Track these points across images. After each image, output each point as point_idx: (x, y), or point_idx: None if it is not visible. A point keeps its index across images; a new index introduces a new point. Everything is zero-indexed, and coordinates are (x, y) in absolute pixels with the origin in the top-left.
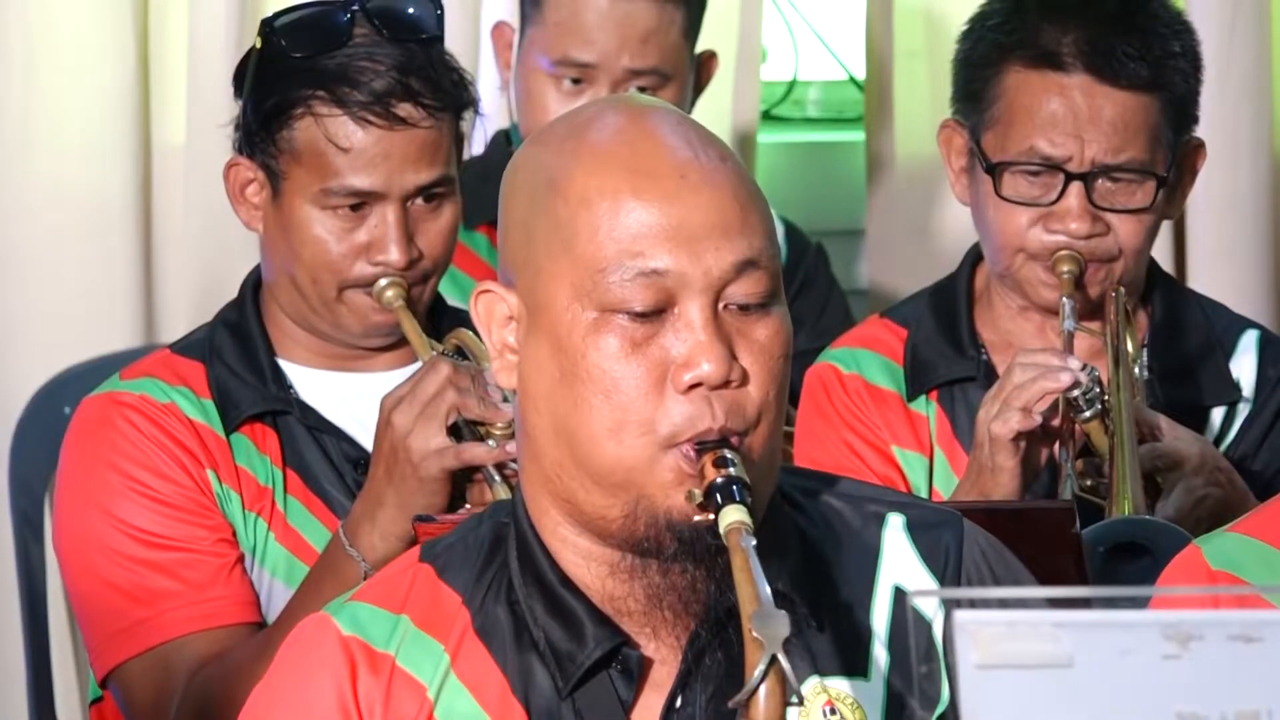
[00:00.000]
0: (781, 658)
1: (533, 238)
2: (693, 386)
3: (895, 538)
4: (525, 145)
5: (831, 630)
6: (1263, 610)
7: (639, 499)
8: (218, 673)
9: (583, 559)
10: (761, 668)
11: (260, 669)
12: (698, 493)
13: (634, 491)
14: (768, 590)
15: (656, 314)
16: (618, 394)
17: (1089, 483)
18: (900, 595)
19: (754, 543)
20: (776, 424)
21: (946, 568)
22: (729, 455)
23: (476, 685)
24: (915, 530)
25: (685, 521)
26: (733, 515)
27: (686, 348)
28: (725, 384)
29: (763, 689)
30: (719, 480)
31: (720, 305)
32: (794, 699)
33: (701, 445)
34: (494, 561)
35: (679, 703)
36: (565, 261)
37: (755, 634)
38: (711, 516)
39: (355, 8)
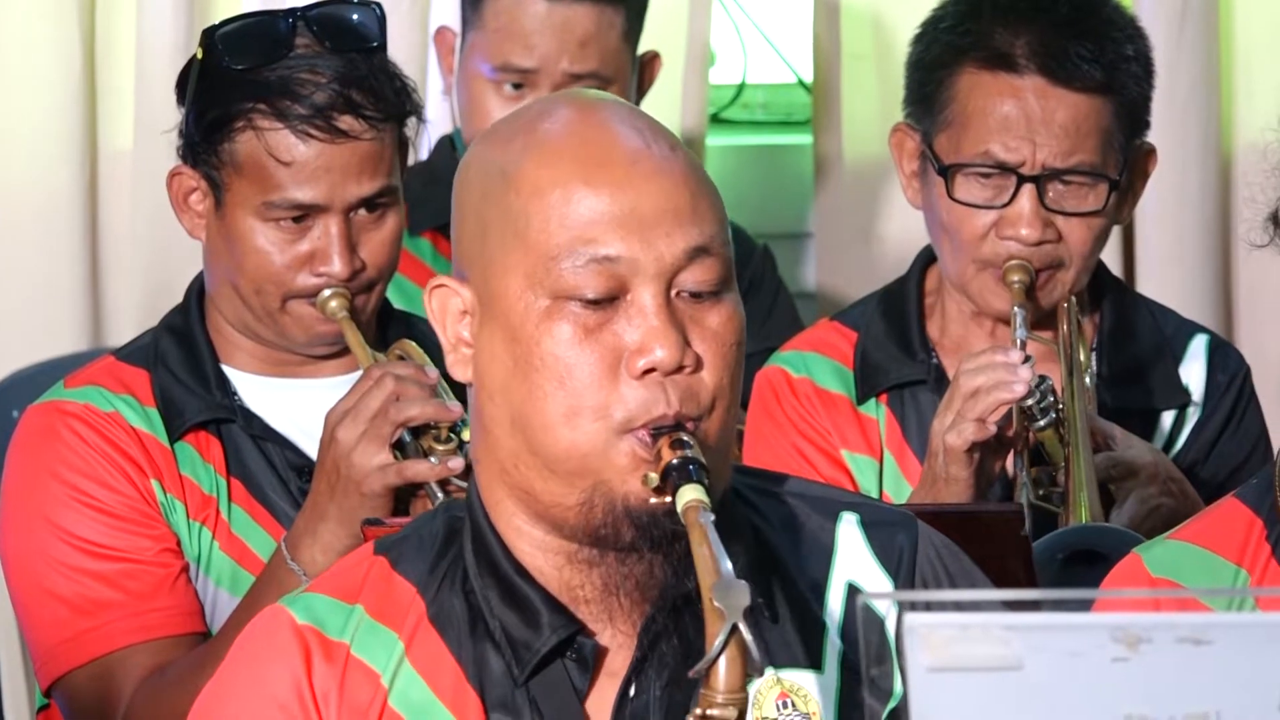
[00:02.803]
0: (743, 627)
1: (486, 230)
2: (647, 372)
3: (850, 533)
4: (476, 143)
5: (785, 623)
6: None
7: (595, 486)
8: (161, 684)
9: (539, 550)
10: (722, 637)
11: (204, 679)
12: (654, 476)
13: (590, 479)
14: (728, 564)
15: (609, 301)
16: (571, 380)
17: (1042, 491)
18: (853, 592)
19: (713, 519)
20: (731, 411)
21: (900, 567)
22: (685, 438)
23: (431, 673)
24: (869, 527)
25: (642, 507)
26: (690, 494)
27: (640, 333)
28: (679, 369)
29: (723, 659)
30: (675, 461)
31: (673, 292)
32: (754, 674)
33: (657, 430)
34: (448, 553)
35: (633, 691)
36: (518, 251)
37: (716, 604)
38: (669, 499)
39: (296, 17)
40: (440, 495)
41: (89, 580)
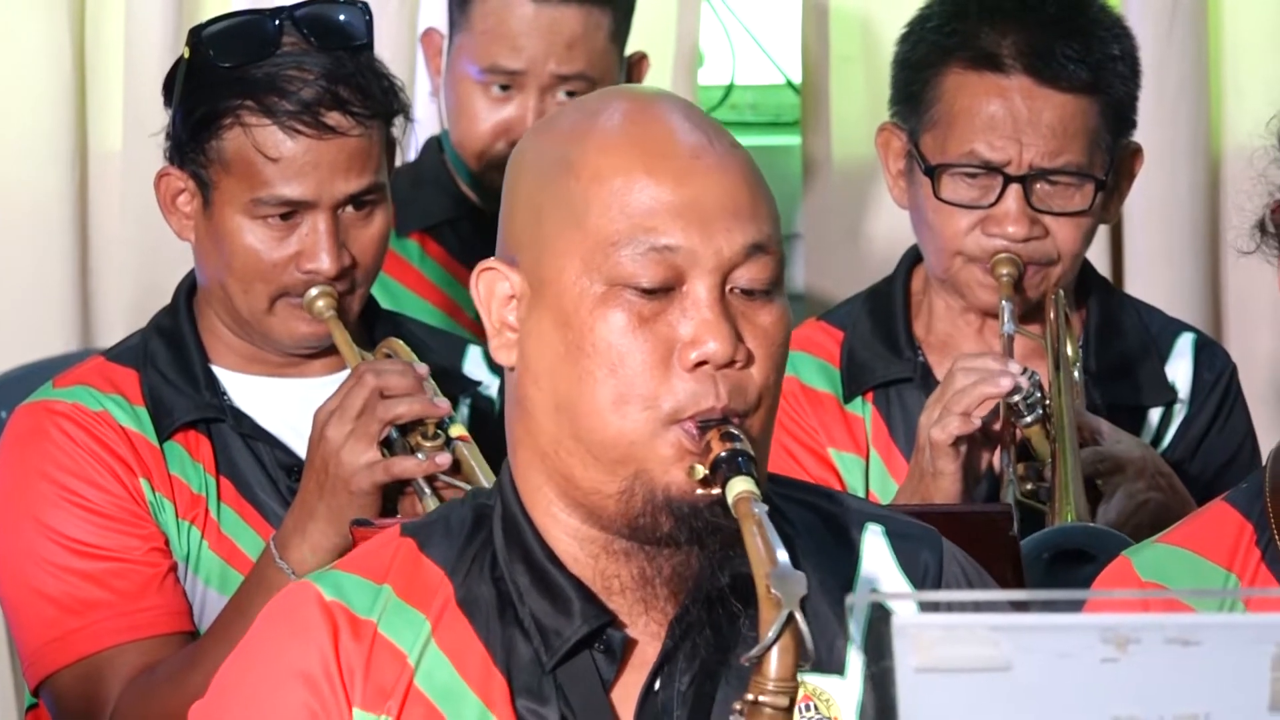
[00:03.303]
0: (799, 616)
1: (541, 215)
2: (699, 364)
3: (875, 543)
4: (531, 132)
5: (809, 629)
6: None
7: (637, 475)
8: (150, 683)
9: (574, 538)
10: (778, 626)
11: (193, 679)
12: (701, 468)
13: (633, 467)
14: (784, 553)
15: (664, 291)
16: (623, 368)
17: (1029, 487)
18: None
19: (766, 509)
20: (773, 411)
21: (926, 581)
22: (734, 430)
23: (458, 656)
24: (894, 538)
25: (683, 498)
26: (741, 485)
27: (694, 326)
28: (730, 364)
29: (775, 648)
30: (724, 453)
31: (727, 288)
32: (806, 663)
33: (704, 423)
34: (476, 540)
35: (657, 685)
36: (576, 236)
37: (774, 591)
38: (716, 490)
39: (284, 16)
40: (428, 492)
41: (77, 579)
